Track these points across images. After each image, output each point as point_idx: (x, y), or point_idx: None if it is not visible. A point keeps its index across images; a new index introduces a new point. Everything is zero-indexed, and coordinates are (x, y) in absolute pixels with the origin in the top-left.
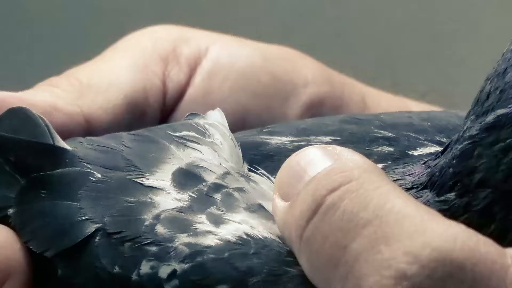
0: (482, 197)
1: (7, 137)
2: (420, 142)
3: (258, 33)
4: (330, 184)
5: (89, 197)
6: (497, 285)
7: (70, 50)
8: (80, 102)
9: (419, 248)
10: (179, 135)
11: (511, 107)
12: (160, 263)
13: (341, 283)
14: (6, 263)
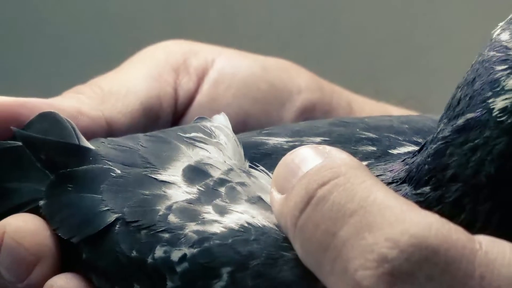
0: (453, 190)
1: (38, 138)
2: (399, 142)
3: (257, 47)
4: (320, 179)
5: (110, 190)
6: (466, 267)
7: (93, 62)
8: (102, 107)
9: (399, 235)
10: (188, 136)
11: (479, 111)
12: (172, 248)
13: (331, 265)
14: (37, 248)
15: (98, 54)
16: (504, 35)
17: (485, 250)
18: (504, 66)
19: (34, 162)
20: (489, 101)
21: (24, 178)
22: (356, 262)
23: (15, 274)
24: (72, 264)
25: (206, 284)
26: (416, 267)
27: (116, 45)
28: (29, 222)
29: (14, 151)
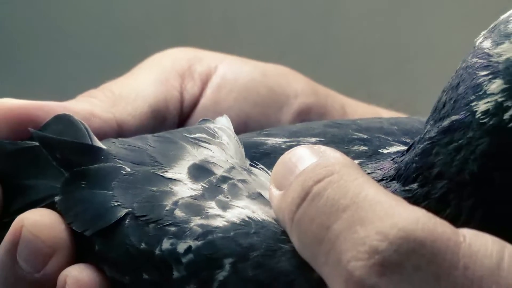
0: (439, 187)
1: (54, 138)
2: (389, 143)
3: (257, 54)
4: (316, 176)
5: (121, 187)
6: (451, 258)
7: (104, 68)
8: (113, 110)
9: (388, 228)
10: (193, 136)
11: (462, 114)
12: (178, 240)
13: (325, 257)
14: (53, 240)
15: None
16: (486, 43)
17: (469, 242)
18: (486, 72)
19: (50, 161)
20: (472, 104)
21: (41, 175)
22: (349, 254)
23: (32, 265)
24: (86, 255)
25: (209, 274)
26: (404, 258)
27: (126, 52)
28: (46, 216)
29: (32, 151)
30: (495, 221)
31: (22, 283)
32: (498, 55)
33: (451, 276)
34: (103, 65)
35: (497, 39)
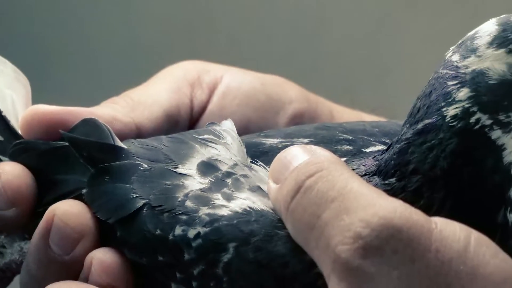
0: (414, 181)
1: (81, 139)
2: (371, 143)
3: (257, 66)
4: (307, 172)
5: (139, 181)
6: (425, 243)
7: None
8: (132, 114)
9: (370, 216)
10: (202, 137)
11: (434, 118)
12: (189, 227)
13: (316, 242)
14: (81, 227)
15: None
16: (455, 56)
17: (440, 229)
18: (455, 82)
19: (78, 159)
20: (443, 109)
21: (70, 171)
22: (336, 239)
23: (62, 249)
24: (109, 240)
25: (215, 256)
26: (384, 242)
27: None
28: (74, 206)
29: (62, 150)
30: (462, 210)
31: (54, 264)
32: (465, 67)
33: (425, 258)
34: (123, 75)
35: (464, 53)
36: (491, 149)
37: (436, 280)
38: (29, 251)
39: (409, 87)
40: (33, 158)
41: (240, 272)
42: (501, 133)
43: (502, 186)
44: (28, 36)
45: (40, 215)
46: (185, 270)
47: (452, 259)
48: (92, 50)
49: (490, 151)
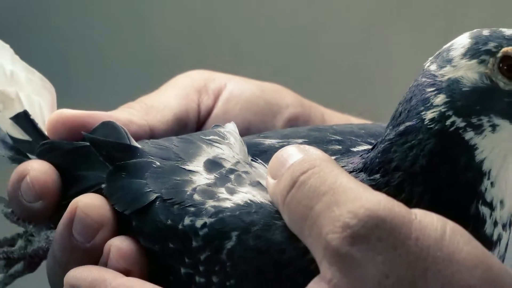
0: (396, 177)
1: (101, 140)
2: (358, 143)
3: (257, 75)
4: (301, 168)
5: (152, 177)
6: (406, 231)
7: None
8: (146, 118)
9: (357, 208)
10: (208, 138)
11: (414, 120)
12: (196, 218)
13: (309, 231)
14: (100, 218)
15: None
16: (433, 66)
17: (419, 219)
18: (433, 89)
19: (98, 157)
20: (422, 113)
21: (91, 168)
22: (327, 228)
23: (84, 237)
24: (125, 230)
25: (220, 243)
26: (369, 231)
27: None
28: (95, 199)
29: (84, 149)
30: (439, 203)
31: (76, 251)
32: (441, 75)
33: (406, 245)
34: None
35: (440, 63)
36: (464, 149)
37: (416, 265)
38: (55, 239)
39: (392, 93)
40: (58, 156)
41: (242, 258)
42: (474, 134)
43: (474, 182)
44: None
45: (64, 207)
46: (193, 256)
47: (430, 246)
48: (110, 61)
49: (463, 151)
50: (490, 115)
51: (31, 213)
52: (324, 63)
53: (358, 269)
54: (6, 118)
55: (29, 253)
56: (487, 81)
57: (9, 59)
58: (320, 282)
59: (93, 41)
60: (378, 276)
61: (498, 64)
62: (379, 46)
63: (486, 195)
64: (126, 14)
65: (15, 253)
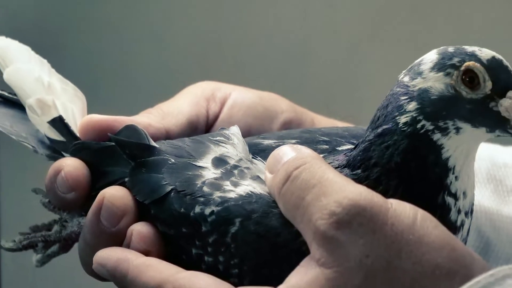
0: (375, 172)
1: (124, 140)
2: (342, 143)
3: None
4: (294, 165)
5: (168, 172)
6: (383, 218)
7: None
8: (162, 122)
9: (342, 198)
10: (215, 139)
11: (390, 124)
12: (205, 206)
13: (301, 217)
14: (124, 207)
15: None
16: (406, 78)
17: (394, 208)
18: (406, 97)
19: (122, 155)
20: (396, 118)
21: (116, 164)
22: (316, 215)
23: (110, 223)
24: (145, 216)
25: (225, 228)
26: (352, 218)
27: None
28: (119, 191)
29: (110, 148)
30: (411, 194)
31: (103, 235)
32: (413, 86)
33: (383, 230)
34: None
35: (412, 75)
36: (433, 148)
37: (391, 246)
38: (85, 224)
39: (371, 101)
40: (88, 154)
41: (244, 240)
42: (440, 136)
43: (441, 176)
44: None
45: (93, 198)
46: (202, 239)
47: (403, 230)
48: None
49: (432, 150)
50: (454, 119)
51: (65, 203)
52: (314, 75)
53: (342, 249)
54: (44, 122)
55: (63, 236)
56: (452, 90)
57: (47, 72)
58: (310, 261)
59: (117, 57)
60: (359, 256)
61: (461, 76)
62: (360, 62)
63: (451, 187)
64: (145, 34)
65: (51, 236)
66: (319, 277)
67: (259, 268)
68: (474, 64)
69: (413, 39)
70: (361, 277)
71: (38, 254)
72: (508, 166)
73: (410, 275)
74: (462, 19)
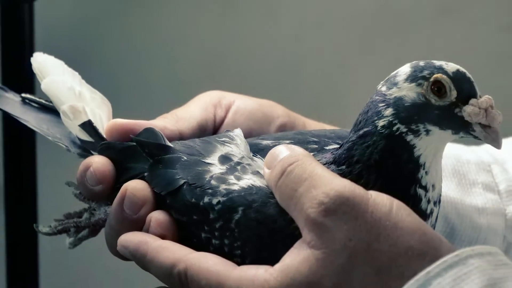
0: (357, 168)
1: (144, 141)
2: (329, 143)
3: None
4: (288, 161)
5: (181, 168)
6: (364, 207)
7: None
8: (176, 125)
9: (329, 190)
10: (221, 139)
11: (370, 127)
12: (213, 197)
13: (294, 206)
14: (144, 197)
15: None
16: (383, 87)
17: (373, 198)
18: (383, 104)
19: (142, 153)
20: (375, 122)
21: (137, 161)
22: (307, 205)
23: (131, 211)
24: (161, 206)
25: (230, 216)
26: (338, 206)
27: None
28: (140, 183)
29: (132, 148)
30: (388, 186)
31: (126, 221)
32: (390, 94)
33: (364, 217)
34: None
35: (389, 85)
36: (406, 147)
37: (371, 231)
38: (111, 212)
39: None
40: (113, 153)
41: (245, 226)
42: (413, 137)
43: (413, 171)
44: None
45: (117, 190)
46: (210, 225)
47: (381, 217)
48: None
49: (405, 149)
50: (425, 123)
51: (93, 194)
52: (305, 86)
53: (329, 234)
54: (76, 125)
55: (92, 222)
56: (423, 98)
57: (78, 83)
58: (302, 243)
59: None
60: (344, 239)
61: (431, 86)
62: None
63: (422, 180)
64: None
65: (82, 222)
66: (309, 257)
67: (259, 249)
68: (442, 76)
69: (389, 55)
70: (345, 257)
71: (71, 237)
72: (470, 163)
73: (387, 255)
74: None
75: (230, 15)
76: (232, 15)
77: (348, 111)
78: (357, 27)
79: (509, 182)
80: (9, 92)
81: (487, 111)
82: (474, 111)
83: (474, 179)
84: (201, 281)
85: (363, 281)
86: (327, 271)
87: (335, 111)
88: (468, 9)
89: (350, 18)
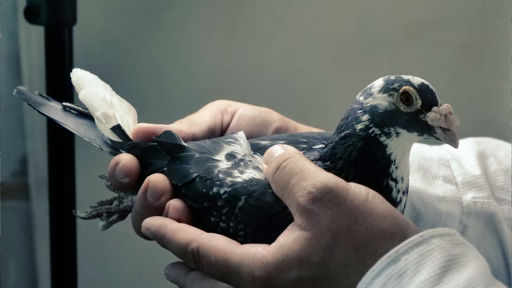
0: (339, 164)
1: (163, 141)
2: (316, 143)
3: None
4: (283, 158)
5: (194, 163)
6: (345, 196)
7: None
8: (191, 128)
9: (316, 182)
10: (227, 140)
11: (350, 130)
12: (220, 188)
13: (287, 195)
14: (163, 188)
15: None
16: (361, 97)
17: (353, 188)
18: (361, 111)
19: (162, 152)
20: (354, 125)
21: (158, 158)
22: (298, 194)
23: (153, 199)
24: (178, 195)
25: (234, 203)
26: (323, 195)
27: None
28: (160, 176)
29: (154, 147)
30: (365, 179)
31: (149, 207)
32: (366, 103)
33: (345, 204)
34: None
35: (366, 95)
36: (380, 147)
37: (351, 216)
38: (136, 200)
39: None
40: (138, 151)
41: (247, 212)
42: (385, 138)
43: (386, 166)
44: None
45: (142, 181)
46: (218, 211)
47: (359, 204)
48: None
49: (379, 148)
50: (395, 126)
51: (122, 185)
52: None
53: (316, 218)
54: (107, 128)
55: (121, 208)
56: (393, 106)
57: (109, 93)
58: (294, 226)
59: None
60: (328, 222)
61: (400, 96)
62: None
63: (393, 174)
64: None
65: (112, 208)
66: (300, 237)
67: (258, 231)
68: (409, 88)
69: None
70: (329, 237)
71: (103, 221)
72: (432, 160)
73: (364, 236)
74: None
75: (234, 40)
76: (236, 40)
77: (332, 117)
78: (338, 47)
79: (465, 175)
80: (53, 101)
81: (446, 117)
82: (436, 117)
83: (435, 173)
84: (211, 257)
85: (344, 257)
86: (315, 248)
87: (321, 116)
88: (430, 32)
89: (332, 40)
